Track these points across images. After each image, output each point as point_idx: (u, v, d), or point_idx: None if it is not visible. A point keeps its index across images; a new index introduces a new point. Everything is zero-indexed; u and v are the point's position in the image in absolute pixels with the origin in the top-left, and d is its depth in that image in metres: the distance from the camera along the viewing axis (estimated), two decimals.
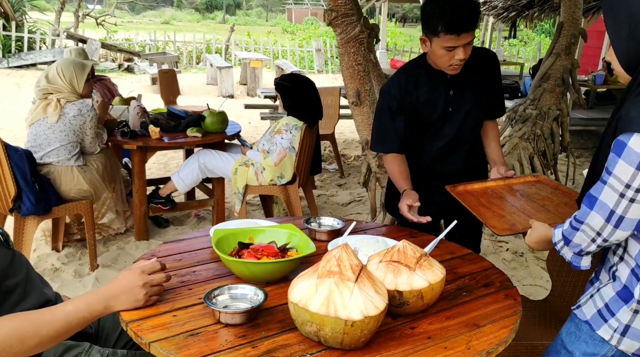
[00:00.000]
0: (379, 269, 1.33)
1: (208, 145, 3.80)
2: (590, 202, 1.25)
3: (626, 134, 1.18)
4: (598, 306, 1.35)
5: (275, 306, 1.37)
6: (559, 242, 1.35)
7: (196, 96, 10.00)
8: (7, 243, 1.36)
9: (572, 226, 1.30)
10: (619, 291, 1.31)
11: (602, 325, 1.33)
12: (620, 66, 1.30)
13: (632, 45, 1.25)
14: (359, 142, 7.05)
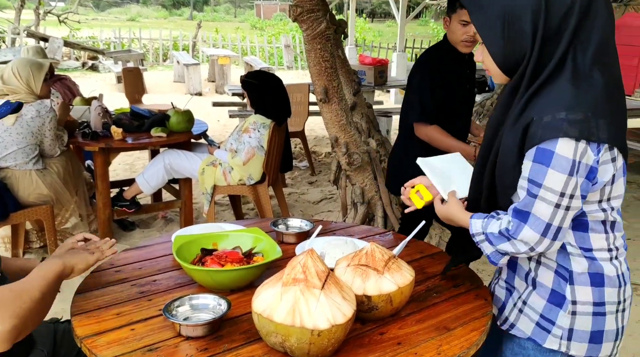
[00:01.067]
0: (347, 273, 1.28)
1: (173, 145, 3.70)
2: (523, 217, 1.17)
3: (549, 141, 1.11)
4: (534, 319, 1.29)
5: (239, 315, 1.31)
6: (477, 235, 1.27)
7: (163, 94, 9.79)
8: None
9: (502, 234, 1.22)
10: (549, 297, 1.27)
11: (546, 337, 1.27)
12: (496, 67, 1.22)
13: (509, 45, 1.17)
14: (328, 139, 7.02)
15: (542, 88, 1.16)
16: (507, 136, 1.21)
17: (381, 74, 6.29)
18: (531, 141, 1.14)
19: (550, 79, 1.16)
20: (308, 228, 1.83)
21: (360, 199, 3.46)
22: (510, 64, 1.20)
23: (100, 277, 1.51)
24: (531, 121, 1.14)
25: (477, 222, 1.28)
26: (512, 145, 1.19)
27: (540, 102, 1.16)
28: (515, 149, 1.19)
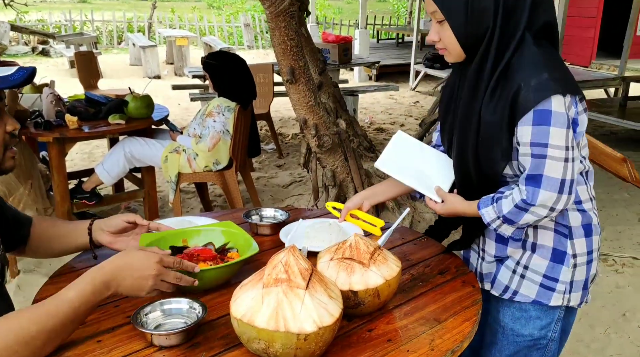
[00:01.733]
0: (330, 268, 1.19)
1: (133, 133, 3.52)
2: (536, 182, 1.20)
3: (543, 101, 1.16)
4: (537, 281, 1.35)
5: (216, 318, 1.22)
6: (494, 222, 1.29)
7: (120, 79, 9.43)
8: None
9: (518, 207, 1.24)
10: (551, 256, 1.33)
11: (551, 295, 1.35)
12: (457, 46, 1.25)
13: (472, 23, 1.20)
14: (295, 120, 6.90)
15: (510, 60, 1.21)
16: (488, 113, 1.24)
17: (345, 51, 6.19)
18: (525, 106, 1.18)
19: (517, 50, 1.21)
20: (283, 218, 1.73)
21: (331, 181, 3.38)
22: (471, 41, 1.24)
23: (59, 283, 1.37)
24: (519, 88, 1.18)
25: (489, 209, 1.29)
26: (498, 118, 1.23)
27: (519, 69, 1.20)
28: (504, 121, 1.22)
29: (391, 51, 11.27)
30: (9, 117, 1.18)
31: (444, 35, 1.26)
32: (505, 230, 1.30)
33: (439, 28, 1.26)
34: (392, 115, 7.29)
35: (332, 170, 3.40)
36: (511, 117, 1.21)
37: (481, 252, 1.47)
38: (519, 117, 1.19)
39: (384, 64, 8.66)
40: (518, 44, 1.21)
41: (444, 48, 1.28)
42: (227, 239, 1.47)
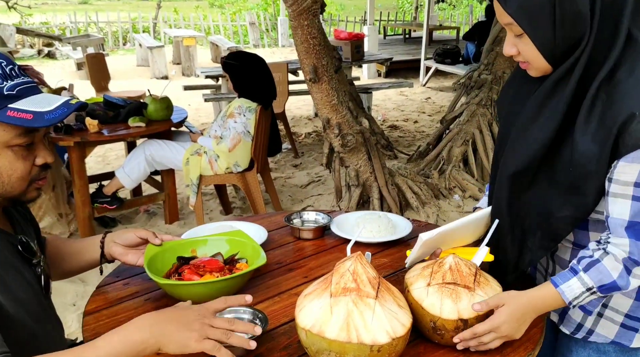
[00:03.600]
0: (431, 295, 1.07)
1: (153, 135, 3.49)
2: (638, 232, 1.02)
3: None
4: (618, 321, 1.19)
5: (275, 327, 1.18)
6: (577, 298, 1.07)
7: (128, 80, 9.40)
8: None
9: (628, 269, 1.03)
10: (637, 295, 1.16)
11: (633, 336, 1.19)
12: (542, 59, 1.05)
13: (561, 31, 1.00)
14: (308, 119, 6.86)
15: (614, 72, 1.01)
16: (583, 137, 1.02)
17: (358, 48, 6.14)
18: (637, 140, 0.98)
19: (620, 60, 1.00)
20: (325, 221, 1.70)
21: (354, 181, 3.35)
22: (560, 54, 1.03)
23: (107, 293, 1.35)
24: (631, 117, 0.98)
25: (572, 284, 1.06)
26: (597, 148, 1.01)
27: (630, 92, 0.99)
28: (604, 153, 1.01)
29: (399, 47, 11.21)
30: (43, 149, 1.09)
31: (524, 50, 1.06)
32: (587, 301, 1.09)
33: (516, 41, 1.07)
34: (405, 111, 7.24)
35: (355, 170, 3.36)
36: (613, 150, 1.01)
37: (548, 277, 1.29)
38: (624, 151, 0.99)
39: (393, 60, 8.60)
40: (623, 50, 1.00)
41: (526, 62, 1.09)
42: (235, 248, 1.41)
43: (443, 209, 3.62)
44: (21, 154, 1.06)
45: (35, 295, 1.13)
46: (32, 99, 1.05)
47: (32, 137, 1.06)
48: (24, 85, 1.06)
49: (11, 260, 1.10)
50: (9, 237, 1.12)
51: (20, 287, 1.09)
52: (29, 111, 1.02)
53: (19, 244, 1.14)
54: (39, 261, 1.19)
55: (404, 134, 6.11)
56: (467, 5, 18.43)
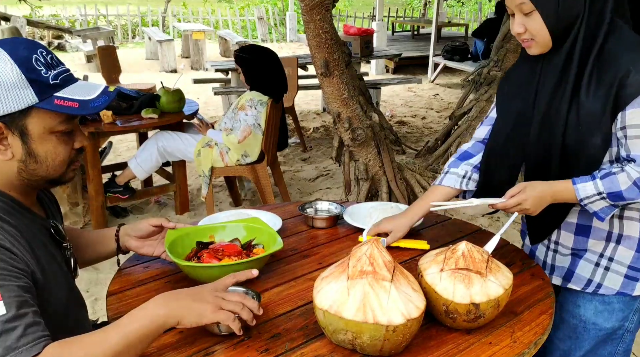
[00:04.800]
0: (444, 280, 1.11)
1: (165, 127, 3.54)
2: None
3: None
4: (622, 272, 1.35)
5: (292, 309, 1.23)
6: (589, 198, 1.25)
7: (137, 73, 9.46)
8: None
9: (637, 185, 1.21)
10: (638, 247, 1.33)
11: (635, 285, 1.35)
12: (547, 35, 1.24)
13: (564, 10, 1.21)
14: (316, 113, 6.89)
15: (603, 46, 1.23)
16: (588, 98, 1.24)
17: (367, 44, 6.16)
18: (637, 89, 1.18)
19: (609, 34, 1.23)
20: (338, 211, 1.74)
21: (364, 175, 3.38)
22: (560, 30, 1.24)
23: (129, 275, 1.40)
24: (627, 72, 1.18)
25: (587, 185, 1.25)
26: (600, 104, 1.22)
27: (621, 54, 1.20)
28: (607, 106, 1.21)
29: (407, 43, 11.21)
30: (80, 134, 1.15)
31: (532, 26, 1.25)
32: (597, 205, 1.26)
33: (524, 19, 1.25)
34: (413, 108, 7.26)
35: (364, 164, 3.40)
36: (615, 102, 1.20)
37: (553, 245, 1.44)
38: (628, 100, 1.19)
39: (402, 56, 8.61)
40: (609, 28, 1.22)
41: (531, 39, 1.27)
42: (252, 234, 1.45)
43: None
44: (63, 139, 1.10)
45: (65, 277, 1.18)
46: (74, 87, 1.09)
47: (73, 124, 1.12)
48: (65, 73, 1.10)
49: (45, 243, 1.15)
50: (43, 222, 1.17)
51: (54, 269, 1.14)
52: (75, 100, 1.06)
53: (52, 227, 1.18)
54: (67, 244, 1.23)
55: (412, 130, 6.13)
56: (476, 2, 18.35)
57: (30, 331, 0.96)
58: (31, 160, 1.08)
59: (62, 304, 1.14)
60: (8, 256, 1.00)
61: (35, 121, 1.05)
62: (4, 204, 1.08)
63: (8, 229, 1.04)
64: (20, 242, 1.05)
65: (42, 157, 1.09)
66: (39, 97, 1.04)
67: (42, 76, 1.05)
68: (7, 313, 0.94)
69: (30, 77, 1.03)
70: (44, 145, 1.08)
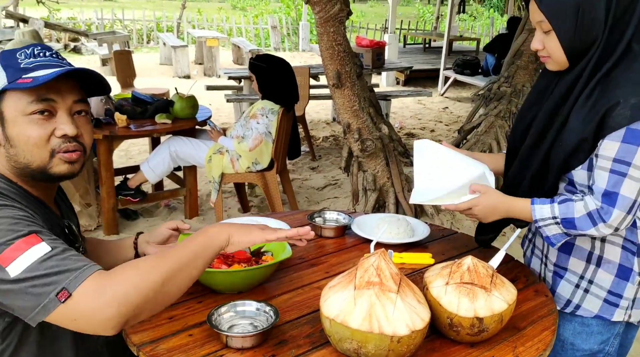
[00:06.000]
0: (449, 293, 1.14)
1: (178, 132, 3.59)
2: (612, 200, 1.22)
3: (638, 122, 1.18)
4: (601, 296, 1.36)
5: (298, 317, 1.25)
6: (542, 220, 1.29)
7: (150, 78, 9.57)
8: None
9: (590, 216, 1.24)
10: (617, 272, 1.34)
11: (614, 311, 1.35)
12: (562, 55, 1.27)
13: (580, 33, 1.22)
14: (326, 123, 6.94)
15: (611, 71, 1.24)
16: (576, 118, 1.26)
17: (379, 56, 6.21)
18: (619, 122, 1.19)
19: (620, 62, 1.24)
20: (346, 221, 1.77)
21: (372, 186, 3.41)
22: (577, 51, 1.26)
23: None
24: (616, 104, 1.19)
25: (545, 207, 1.29)
26: (582, 126, 1.24)
27: (621, 85, 1.21)
28: (586, 130, 1.23)
29: (418, 56, 11.26)
30: (65, 122, 1.11)
31: (549, 45, 1.27)
32: (550, 230, 1.29)
33: (543, 37, 1.28)
34: (422, 120, 7.29)
35: (372, 174, 3.43)
36: (598, 129, 1.22)
37: (544, 259, 1.48)
38: (608, 131, 1.20)
39: (412, 69, 8.67)
40: (621, 55, 1.23)
41: (548, 56, 1.30)
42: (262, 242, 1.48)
43: (457, 217, 3.67)
44: (37, 122, 1.09)
45: None
46: (45, 70, 1.08)
47: (48, 106, 1.09)
48: (45, 62, 1.11)
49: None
50: (58, 220, 1.21)
51: None
52: (31, 77, 1.07)
53: (66, 227, 1.22)
54: (80, 245, 1.27)
55: None
56: (487, 17, 18.41)
57: (81, 258, 1.00)
58: (9, 145, 1.11)
59: None
60: (32, 218, 1.04)
61: (9, 104, 1.09)
62: (20, 193, 1.12)
63: (28, 211, 1.07)
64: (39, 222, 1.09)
65: (15, 141, 1.09)
66: (8, 79, 1.08)
67: (16, 62, 1.10)
68: (53, 249, 0.97)
69: (6, 64, 1.10)
70: (15, 127, 1.09)
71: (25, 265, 0.94)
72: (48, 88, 1.08)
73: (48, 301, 0.93)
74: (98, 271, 0.97)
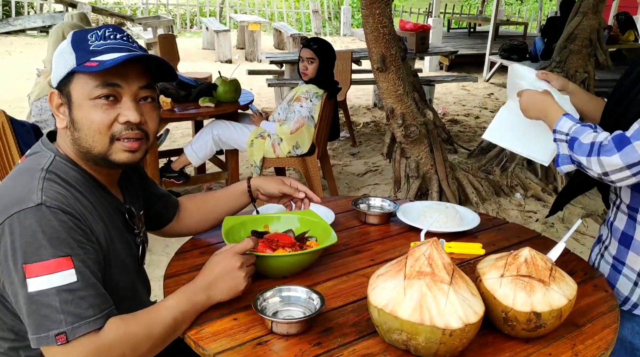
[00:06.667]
0: (504, 286, 1.07)
1: (221, 116, 3.60)
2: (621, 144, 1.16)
3: None
4: None
5: (344, 304, 1.22)
6: (560, 133, 1.28)
7: (193, 62, 9.68)
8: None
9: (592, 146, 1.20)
10: None
11: None
12: None
13: None
14: (366, 108, 6.86)
15: None
16: None
17: (423, 40, 6.07)
18: None
19: None
20: (391, 208, 1.72)
21: (414, 173, 3.34)
22: None
23: (185, 260, 1.43)
24: None
25: (569, 122, 1.29)
26: None
27: None
28: None
29: (463, 41, 10.97)
30: (129, 108, 1.08)
31: None
32: (562, 148, 1.30)
33: None
34: (466, 106, 7.11)
35: (416, 161, 3.35)
36: None
37: (603, 249, 1.42)
38: None
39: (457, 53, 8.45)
40: None
41: None
42: (306, 227, 1.46)
43: (503, 207, 3.56)
44: (101, 107, 1.07)
45: (133, 260, 1.23)
46: (113, 54, 1.06)
47: (113, 91, 1.07)
48: (115, 46, 1.09)
49: (119, 225, 1.19)
50: (119, 205, 1.22)
51: (124, 250, 1.18)
52: (98, 61, 1.05)
53: (127, 212, 1.23)
54: (139, 231, 1.28)
55: (465, 129, 6.01)
56: (535, 0, 17.74)
57: (98, 301, 1.01)
58: (73, 128, 1.10)
59: (130, 285, 1.19)
60: (82, 225, 1.05)
61: (76, 87, 1.08)
62: (82, 177, 1.13)
63: (84, 202, 1.09)
64: (94, 217, 1.10)
65: (79, 124, 1.09)
66: (77, 62, 1.07)
67: (86, 45, 1.08)
68: (78, 281, 0.99)
69: (77, 45, 1.08)
70: (80, 111, 1.08)
71: (45, 286, 0.96)
72: (114, 73, 1.07)
73: (46, 336, 0.97)
74: (101, 329, 1.00)
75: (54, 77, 1.12)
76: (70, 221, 1.02)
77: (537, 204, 3.66)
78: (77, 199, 1.07)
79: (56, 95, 1.11)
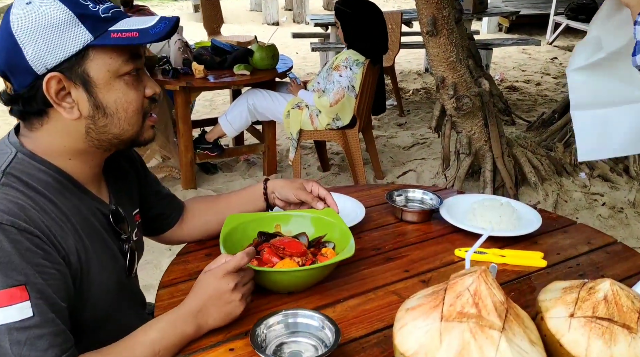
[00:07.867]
0: (574, 329, 0.84)
1: (257, 85, 3.38)
2: None
3: None
4: None
5: (367, 334, 0.99)
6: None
7: (240, 24, 9.46)
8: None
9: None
10: None
11: None
12: None
13: None
14: (417, 74, 6.45)
15: None
16: None
17: (481, 0, 5.58)
18: None
19: None
20: (434, 203, 1.45)
21: (466, 149, 3.03)
22: None
23: (187, 263, 1.24)
24: None
25: None
26: None
27: None
28: None
29: (524, 0, 10.18)
30: (149, 80, 0.99)
31: None
32: None
33: None
34: (526, 72, 6.58)
35: (468, 136, 3.03)
36: None
37: None
38: None
39: (519, 14, 7.81)
40: None
41: None
42: (323, 230, 1.22)
43: (565, 188, 3.20)
44: (133, 84, 0.94)
45: (117, 274, 1.04)
46: (128, 21, 0.92)
47: (138, 63, 0.95)
48: (114, 8, 0.93)
49: (100, 232, 1.00)
50: (101, 206, 1.02)
51: (106, 263, 0.99)
52: (133, 29, 0.89)
53: (112, 214, 1.03)
54: (128, 237, 1.08)
55: (524, 97, 5.54)
56: None
57: (57, 341, 0.84)
58: (100, 114, 0.92)
59: (112, 305, 1.01)
60: (45, 244, 0.86)
61: (96, 64, 0.89)
62: (54, 180, 0.93)
63: (52, 212, 0.90)
64: (65, 229, 0.91)
65: (112, 109, 0.93)
66: (93, 34, 0.87)
67: (90, 10, 0.88)
68: (33, 316, 0.81)
69: (79, 12, 0.87)
70: (112, 92, 0.92)
71: None
72: None
73: None
74: None
75: (44, 58, 0.87)
76: (27, 240, 0.83)
77: (604, 186, 3.27)
78: (41, 209, 0.87)
79: (55, 81, 0.88)
